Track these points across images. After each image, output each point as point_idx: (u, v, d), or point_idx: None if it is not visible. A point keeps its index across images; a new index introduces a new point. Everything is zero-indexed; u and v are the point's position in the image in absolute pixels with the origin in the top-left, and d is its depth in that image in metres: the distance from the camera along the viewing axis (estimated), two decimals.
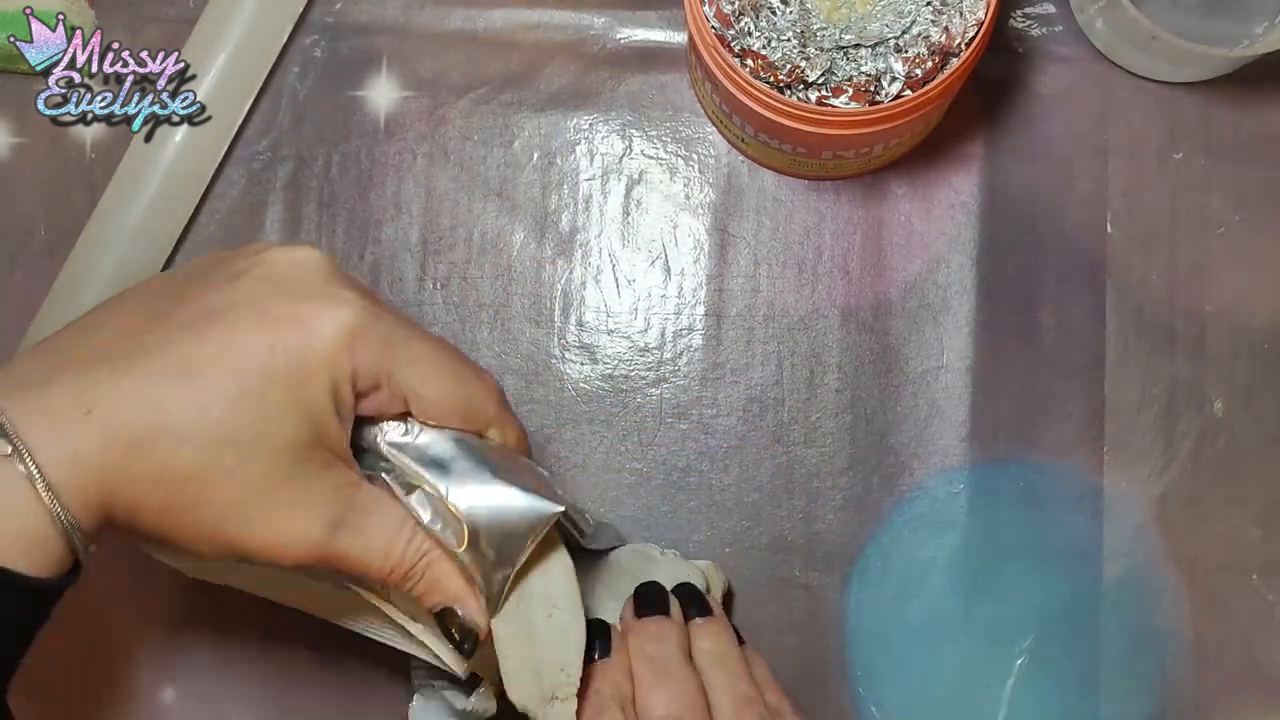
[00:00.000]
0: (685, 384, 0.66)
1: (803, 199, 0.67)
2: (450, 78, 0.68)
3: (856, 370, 0.66)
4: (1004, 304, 0.65)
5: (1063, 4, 0.67)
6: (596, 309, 0.67)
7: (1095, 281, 0.65)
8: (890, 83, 0.58)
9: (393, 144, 0.67)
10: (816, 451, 0.65)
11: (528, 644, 0.52)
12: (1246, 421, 0.65)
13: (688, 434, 0.66)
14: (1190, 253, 0.66)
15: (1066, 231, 0.66)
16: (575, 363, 0.66)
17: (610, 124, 0.67)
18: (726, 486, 0.65)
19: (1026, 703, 0.64)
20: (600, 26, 0.67)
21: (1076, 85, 0.66)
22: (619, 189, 0.67)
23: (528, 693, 0.52)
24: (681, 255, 0.67)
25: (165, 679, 0.65)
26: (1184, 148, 0.66)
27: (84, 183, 0.67)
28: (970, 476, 0.65)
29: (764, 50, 0.58)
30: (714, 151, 0.67)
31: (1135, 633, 0.64)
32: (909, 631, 0.64)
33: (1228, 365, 0.65)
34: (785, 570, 0.65)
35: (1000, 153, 0.66)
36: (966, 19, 0.57)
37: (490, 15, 0.68)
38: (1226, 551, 0.64)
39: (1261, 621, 0.64)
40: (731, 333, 0.66)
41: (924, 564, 0.65)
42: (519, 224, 0.67)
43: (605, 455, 0.66)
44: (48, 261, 0.66)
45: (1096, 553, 0.64)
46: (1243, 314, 0.65)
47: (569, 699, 0.53)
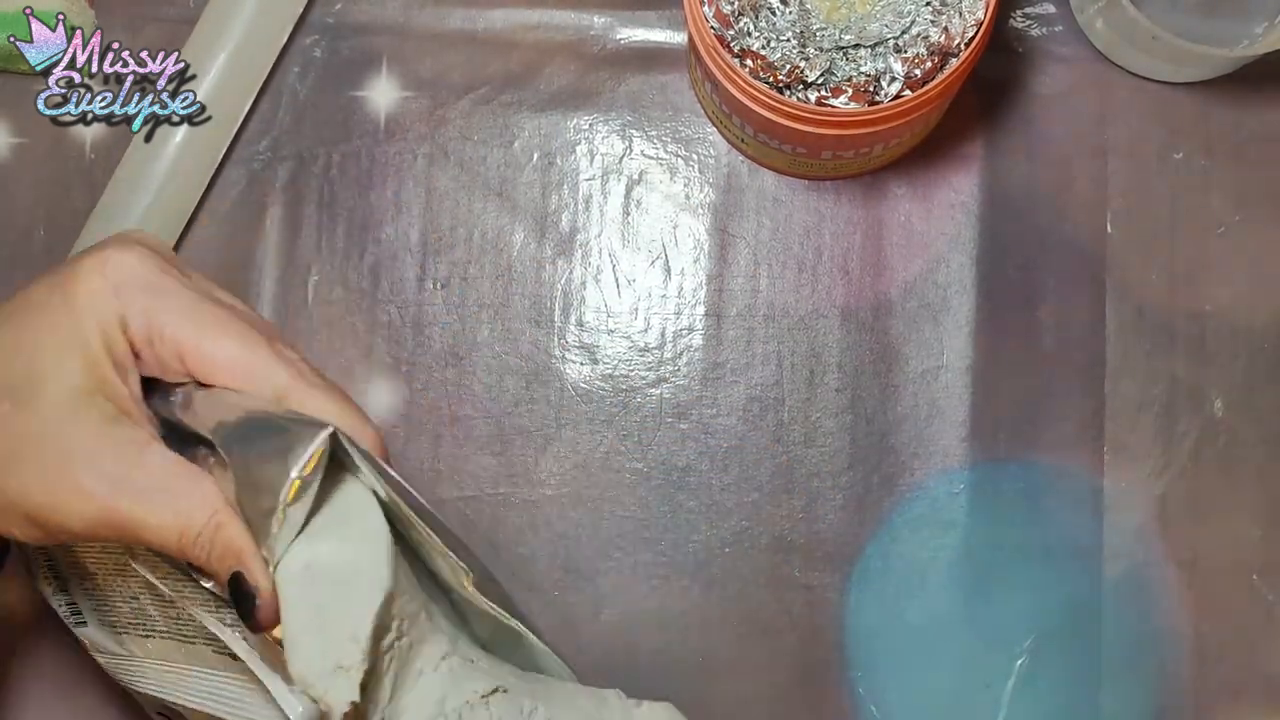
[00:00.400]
0: (685, 384, 0.66)
1: (803, 199, 0.67)
2: (450, 78, 0.68)
3: (856, 370, 0.66)
4: (1004, 304, 0.65)
5: (1063, 4, 0.67)
6: (596, 309, 0.67)
7: (1095, 281, 0.65)
8: (890, 83, 0.58)
9: (393, 144, 0.67)
10: (816, 451, 0.65)
11: (315, 610, 0.47)
12: (1246, 421, 0.65)
13: (688, 434, 0.66)
14: (1190, 253, 0.66)
15: (1066, 231, 0.66)
16: (575, 363, 0.66)
17: (610, 124, 0.67)
18: (726, 486, 0.65)
19: (1026, 703, 0.64)
20: (600, 26, 0.67)
21: (1076, 85, 0.66)
22: (619, 189, 0.67)
23: (310, 665, 0.46)
24: (681, 255, 0.67)
25: None
26: (1184, 148, 0.66)
27: (84, 183, 0.67)
28: (970, 476, 0.65)
29: (763, 50, 0.58)
30: (714, 151, 0.67)
31: (1135, 633, 0.64)
32: (909, 631, 0.64)
33: (1228, 365, 0.65)
34: (785, 570, 0.65)
35: (1000, 153, 0.66)
36: (966, 19, 0.57)
37: (490, 15, 0.68)
38: (1226, 551, 0.64)
39: (1261, 621, 0.64)
40: (731, 333, 0.66)
41: (924, 564, 0.65)
42: (519, 224, 0.67)
43: (605, 455, 0.66)
44: (47, 261, 0.66)
45: (1096, 553, 0.64)
46: (1243, 314, 0.65)
47: (356, 670, 0.46)
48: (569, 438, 0.66)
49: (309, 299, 0.67)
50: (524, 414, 0.66)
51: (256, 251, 0.67)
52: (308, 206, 0.67)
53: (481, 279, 0.67)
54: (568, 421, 0.66)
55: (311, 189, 0.67)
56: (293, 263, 0.67)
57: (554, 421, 0.66)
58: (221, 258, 0.67)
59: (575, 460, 0.66)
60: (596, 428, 0.66)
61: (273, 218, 0.67)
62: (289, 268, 0.67)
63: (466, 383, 0.66)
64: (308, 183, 0.67)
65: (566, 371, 0.66)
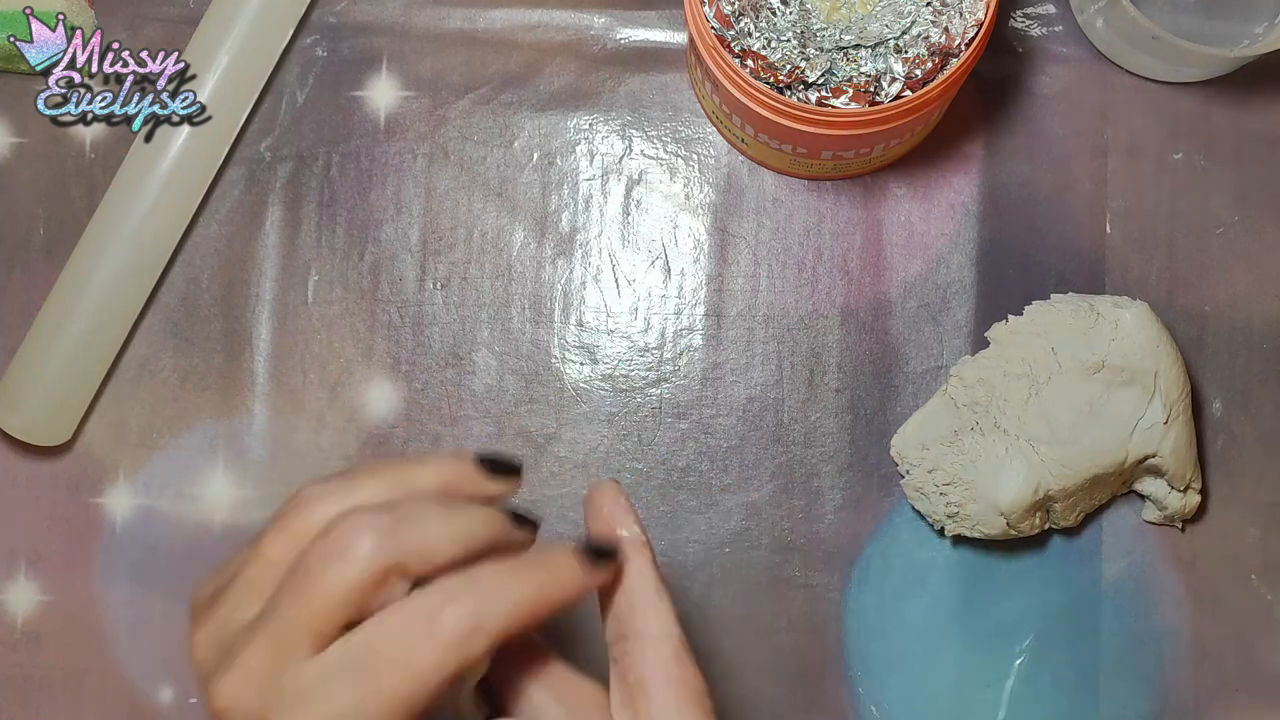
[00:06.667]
0: (685, 384, 0.66)
1: (803, 199, 0.67)
2: (450, 78, 0.68)
3: (856, 370, 0.66)
4: (1004, 304, 0.65)
5: (1063, 4, 0.67)
6: (596, 309, 0.67)
7: (1095, 281, 0.65)
8: (890, 83, 0.58)
9: (393, 144, 0.67)
10: (816, 451, 0.65)
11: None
12: (1245, 421, 0.65)
13: (688, 434, 0.66)
14: (1189, 253, 0.66)
15: (1066, 231, 0.66)
16: (575, 363, 0.66)
17: (610, 124, 0.67)
18: (726, 486, 0.65)
19: (1026, 703, 0.64)
20: (600, 26, 0.67)
21: (1076, 85, 0.66)
22: (619, 189, 0.67)
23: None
24: (681, 255, 0.67)
25: (164, 679, 0.65)
26: (1184, 148, 0.66)
27: (84, 183, 0.67)
28: None
29: (764, 51, 0.58)
30: (714, 151, 0.67)
31: (1135, 632, 0.64)
32: (909, 631, 0.64)
33: (1227, 365, 0.65)
34: (785, 570, 0.65)
35: (1000, 153, 0.66)
36: (966, 19, 0.57)
37: (490, 15, 0.68)
38: (1226, 551, 0.64)
39: (1260, 621, 0.64)
40: (731, 333, 0.66)
41: (924, 564, 0.65)
42: (519, 224, 0.67)
43: (605, 455, 0.66)
44: (47, 261, 0.66)
45: (1096, 553, 0.64)
46: (1241, 314, 0.65)
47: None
48: (569, 438, 0.66)
49: (309, 299, 0.67)
50: (524, 414, 0.66)
51: (256, 251, 0.67)
52: (308, 206, 0.67)
53: (481, 279, 0.67)
54: (568, 421, 0.66)
55: (311, 189, 0.67)
56: (293, 263, 0.67)
57: (554, 421, 0.66)
58: (221, 258, 0.67)
59: (575, 460, 0.66)
60: (596, 428, 0.66)
61: (273, 218, 0.67)
62: (289, 268, 0.67)
63: (466, 383, 0.66)
64: (308, 183, 0.67)
65: (566, 371, 0.66)
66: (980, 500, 0.61)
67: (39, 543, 0.66)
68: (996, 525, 0.61)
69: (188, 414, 0.66)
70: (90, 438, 0.66)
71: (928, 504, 0.63)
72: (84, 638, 0.65)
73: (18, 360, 0.65)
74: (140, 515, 0.66)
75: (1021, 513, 0.61)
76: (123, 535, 0.66)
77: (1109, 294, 0.65)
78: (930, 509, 0.63)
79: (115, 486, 0.66)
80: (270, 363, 0.66)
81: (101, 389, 0.66)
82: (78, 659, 0.65)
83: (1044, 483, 0.60)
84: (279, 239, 0.67)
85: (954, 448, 0.62)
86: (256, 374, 0.66)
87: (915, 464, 0.63)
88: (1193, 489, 0.63)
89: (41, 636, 0.65)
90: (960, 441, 0.62)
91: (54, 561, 0.66)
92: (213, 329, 0.67)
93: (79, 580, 0.65)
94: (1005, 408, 0.61)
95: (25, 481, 0.66)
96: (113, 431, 0.66)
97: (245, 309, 0.67)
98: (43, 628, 0.65)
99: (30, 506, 0.66)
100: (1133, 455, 0.61)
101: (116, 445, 0.66)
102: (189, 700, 0.65)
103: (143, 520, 0.66)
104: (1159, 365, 0.61)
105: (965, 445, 0.62)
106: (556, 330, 0.66)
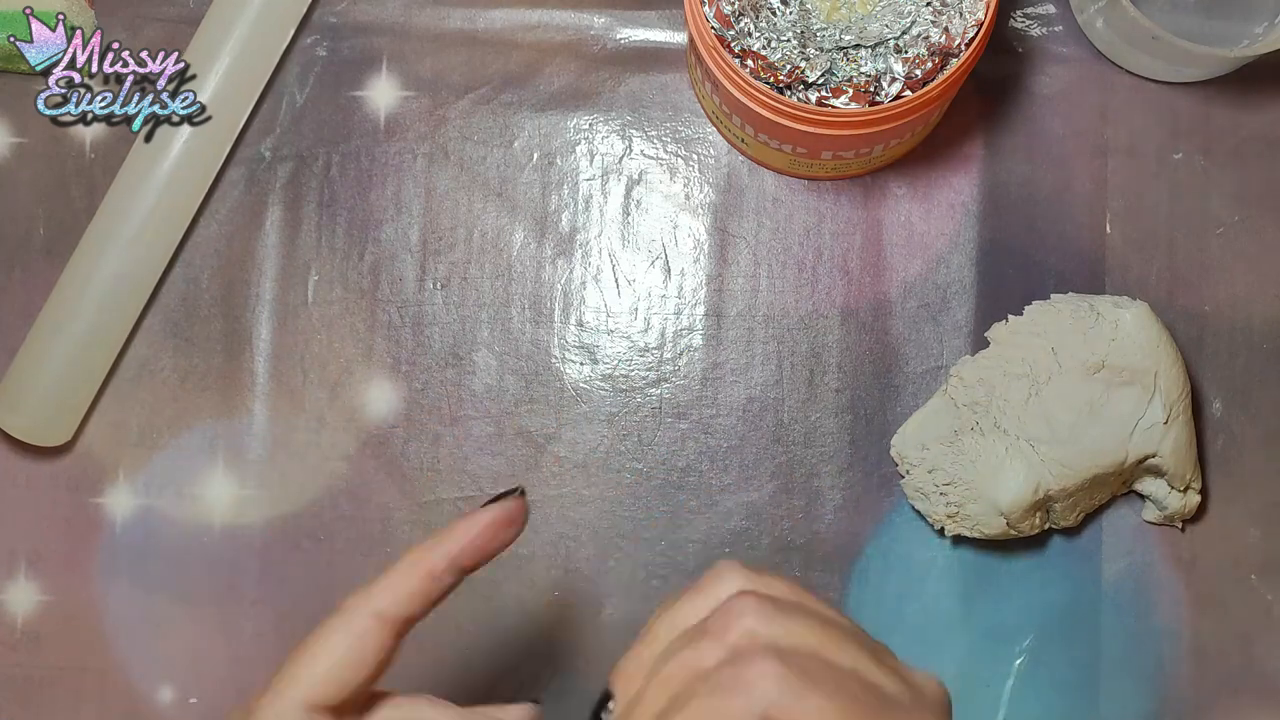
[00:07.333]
0: (685, 384, 0.66)
1: (803, 199, 0.67)
2: (450, 78, 0.68)
3: (856, 370, 0.66)
4: (1004, 304, 0.65)
5: (1063, 4, 0.67)
6: (596, 309, 0.67)
7: (1095, 281, 0.65)
8: (890, 83, 0.58)
9: (393, 144, 0.67)
10: (816, 451, 0.65)
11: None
12: (1245, 421, 0.65)
13: (688, 434, 0.66)
14: (1189, 253, 0.66)
15: (1066, 231, 0.66)
16: (575, 363, 0.66)
17: (610, 124, 0.67)
18: (726, 486, 0.65)
19: (1026, 702, 0.64)
20: (600, 26, 0.67)
21: (1076, 85, 0.66)
22: (619, 189, 0.67)
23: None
24: (681, 255, 0.67)
25: (164, 679, 0.65)
26: (1183, 148, 0.66)
27: (84, 183, 0.67)
28: None
29: (764, 51, 0.58)
30: (714, 151, 0.67)
31: (1134, 632, 0.64)
32: (909, 631, 0.64)
33: (1226, 365, 0.65)
34: (785, 570, 0.65)
35: (1000, 153, 0.66)
36: (966, 19, 0.57)
37: (490, 15, 0.68)
38: (1226, 551, 0.64)
39: (1260, 621, 0.64)
40: (731, 333, 0.66)
41: (924, 564, 0.65)
42: (519, 224, 0.67)
43: (605, 455, 0.66)
44: (47, 261, 0.66)
45: (1096, 553, 0.64)
46: (1241, 314, 0.65)
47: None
48: (569, 438, 0.66)
49: (309, 299, 0.67)
50: (524, 414, 0.66)
51: (256, 251, 0.67)
52: (308, 206, 0.67)
53: (481, 279, 0.67)
54: (568, 421, 0.66)
55: (311, 189, 0.67)
56: (293, 263, 0.67)
57: (554, 421, 0.66)
58: (221, 258, 0.67)
59: (575, 460, 0.66)
60: (596, 428, 0.66)
61: (273, 218, 0.67)
62: (289, 268, 0.67)
63: (466, 383, 0.66)
64: (308, 183, 0.67)
65: (566, 371, 0.66)
66: (980, 500, 0.61)
67: (39, 543, 0.66)
68: (996, 525, 0.61)
69: (188, 414, 0.66)
70: (90, 438, 0.66)
71: (928, 504, 0.63)
72: (84, 638, 0.65)
73: (18, 360, 0.65)
74: (140, 515, 0.66)
75: (1021, 513, 0.61)
76: (123, 535, 0.66)
77: (1109, 294, 0.65)
78: (930, 509, 0.63)
79: (115, 486, 0.66)
80: (270, 363, 0.66)
81: (102, 389, 0.66)
82: (78, 659, 0.65)
83: (1044, 483, 0.60)
84: (279, 239, 0.67)
85: (954, 448, 0.62)
86: (256, 374, 0.66)
87: (915, 464, 0.63)
88: (1193, 489, 0.63)
89: (41, 636, 0.65)
90: (960, 441, 0.62)
91: (54, 561, 0.66)
92: (213, 329, 0.67)
93: (79, 580, 0.66)
94: (1005, 408, 0.61)
95: (25, 481, 0.66)
96: (113, 431, 0.66)
97: (245, 309, 0.67)
98: (43, 628, 0.65)
99: (30, 506, 0.66)
100: (1133, 455, 0.61)
101: (117, 445, 0.66)
102: (189, 700, 0.65)
103: (143, 520, 0.66)
104: (1159, 365, 0.61)
105: (965, 445, 0.62)
106: (556, 330, 0.66)
